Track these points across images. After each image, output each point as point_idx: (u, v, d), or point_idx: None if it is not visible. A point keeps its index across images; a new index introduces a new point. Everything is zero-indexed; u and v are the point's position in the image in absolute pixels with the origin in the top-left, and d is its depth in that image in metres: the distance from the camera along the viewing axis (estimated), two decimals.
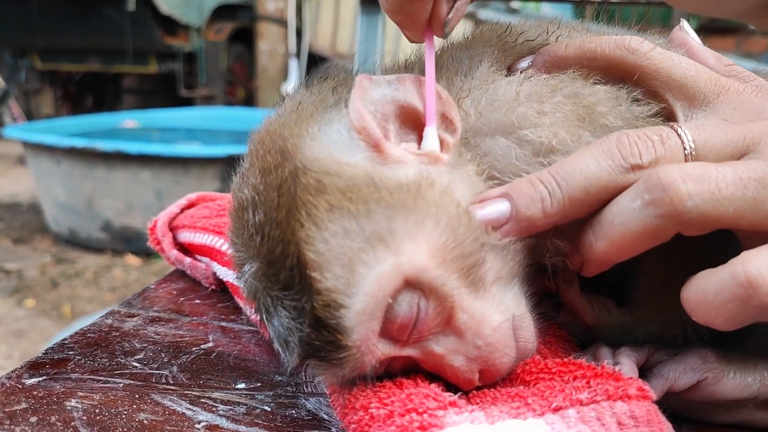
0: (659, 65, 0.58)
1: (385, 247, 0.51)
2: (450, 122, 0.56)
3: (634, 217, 0.49)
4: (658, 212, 0.48)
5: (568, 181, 0.51)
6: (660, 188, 0.47)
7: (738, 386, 0.57)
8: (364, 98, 0.55)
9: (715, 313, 0.45)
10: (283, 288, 0.52)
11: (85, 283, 4.17)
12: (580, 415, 0.49)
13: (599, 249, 0.52)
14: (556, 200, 0.52)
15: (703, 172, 0.47)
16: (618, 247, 0.51)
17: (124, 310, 0.81)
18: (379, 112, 0.55)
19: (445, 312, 0.53)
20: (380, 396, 0.53)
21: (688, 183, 0.47)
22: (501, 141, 0.58)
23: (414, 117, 0.57)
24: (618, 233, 0.50)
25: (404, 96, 0.56)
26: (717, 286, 0.45)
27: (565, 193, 0.52)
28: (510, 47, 0.65)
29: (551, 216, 0.52)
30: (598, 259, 0.52)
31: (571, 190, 0.51)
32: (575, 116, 0.57)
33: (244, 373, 0.67)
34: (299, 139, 0.55)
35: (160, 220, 0.96)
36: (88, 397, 0.60)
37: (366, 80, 0.55)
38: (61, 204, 4.71)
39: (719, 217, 0.47)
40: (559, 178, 0.52)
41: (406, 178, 0.53)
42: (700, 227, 0.48)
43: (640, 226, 0.49)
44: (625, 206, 0.50)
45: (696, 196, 0.47)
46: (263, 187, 0.55)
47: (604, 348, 0.60)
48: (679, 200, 0.47)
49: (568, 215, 0.52)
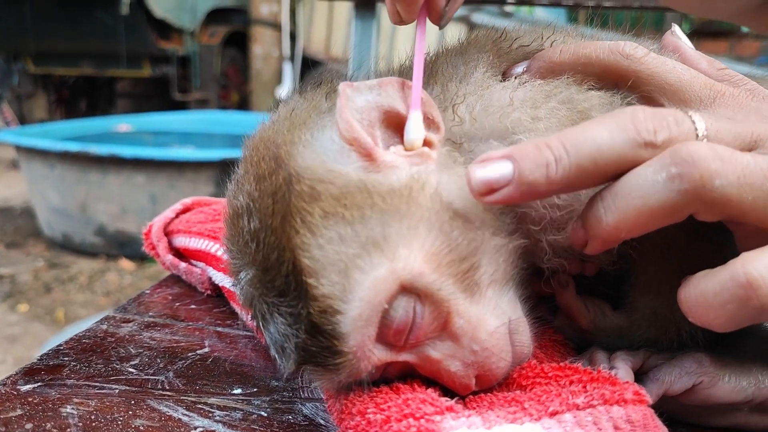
0: (654, 70, 0.58)
1: (380, 252, 0.51)
2: (432, 122, 0.56)
3: (656, 191, 0.46)
4: (683, 187, 0.45)
5: (577, 148, 0.48)
6: (690, 162, 0.45)
7: (733, 390, 0.57)
8: (351, 107, 0.55)
9: (714, 314, 0.45)
10: (279, 295, 0.52)
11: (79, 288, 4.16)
12: (577, 419, 0.49)
13: (609, 223, 0.48)
14: (562, 167, 0.48)
15: (730, 154, 0.46)
16: (631, 222, 0.48)
17: (119, 315, 0.81)
18: (365, 119, 0.55)
19: (441, 317, 0.53)
20: (377, 401, 0.53)
21: (717, 161, 0.45)
22: (494, 145, 0.57)
23: (397, 120, 0.57)
24: (633, 207, 0.47)
25: (387, 101, 0.56)
26: (716, 286, 0.44)
27: (573, 161, 0.48)
28: (505, 52, 0.65)
29: (554, 183, 0.49)
30: (606, 234, 0.49)
31: (580, 158, 0.48)
32: (570, 122, 0.57)
33: (241, 379, 0.66)
34: (292, 146, 0.55)
35: (155, 225, 0.96)
36: (84, 403, 0.60)
37: (348, 88, 0.55)
38: (55, 208, 4.70)
39: (738, 203, 0.46)
40: (568, 145, 0.49)
41: (398, 182, 0.53)
42: (718, 211, 0.46)
43: (660, 201, 0.46)
44: (647, 178, 0.47)
45: (723, 176, 0.45)
46: (258, 194, 0.55)
47: (599, 352, 0.60)
48: (708, 177, 0.45)
49: (571, 185, 0.49)
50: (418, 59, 0.56)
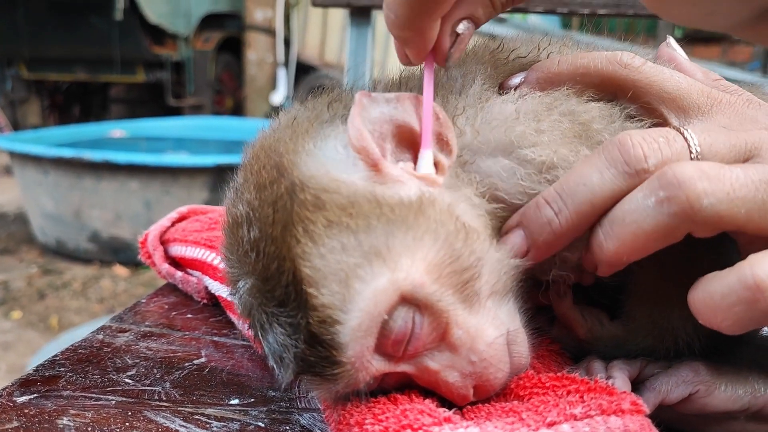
0: (652, 79, 0.58)
1: (382, 262, 0.51)
2: (446, 144, 0.56)
3: (647, 215, 0.48)
4: (672, 210, 0.47)
5: (572, 197, 0.51)
6: (675, 185, 0.46)
7: (729, 399, 0.57)
8: (364, 116, 0.55)
9: (722, 317, 0.45)
10: (279, 305, 0.52)
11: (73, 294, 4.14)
12: (575, 430, 0.49)
13: (610, 249, 0.50)
14: (563, 219, 0.52)
15: (717, 172, 0.47)
16: (629, 247, 0.49)
17: (115, 325, 0.81)
18: (377, 131, 0.55)
19: (440, 328, 0.53)
20: (375, 412, 0.53)
21: (704, 181, 0.46)
22: (503, 162, 0.57)
23: (410, 136, 0.57)
24: (629, 232, 0.49)
25: (402, 116, 0.56)
26: (724, 288, 0.45)
27: (571, 211, 0.52)
28: (502, 64, 0.65)
29: (563, 235, 0.53)
30: (609, 259, 0.51)
31: (577, 206, 0.51)
32: (572, 134, 0.58)
33: (238, 389, 0.66)
34: (295, 155, 0.55)
35: (150, 234, 0.95)
36: (81, 415, 0.60)
37: (365, 98, 0.55)
38: (49, 214, 4.68)
39: (731, 218, 0.46)
40: (564, 195, 0.52)
41: (408, 195, 0.53)
42: (711, 228, 0.47)
43: (652, 225, 0.48)
44: (638, 204, 0.49)
45: (711, 195, 0.46)
46: (258, 203, 0.54)
47: (596, 361, 0.60)
48: (695, 198, 0.46)
49: (580, 229, 0.52)
50: (427, 102, 0.56)
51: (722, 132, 0.52)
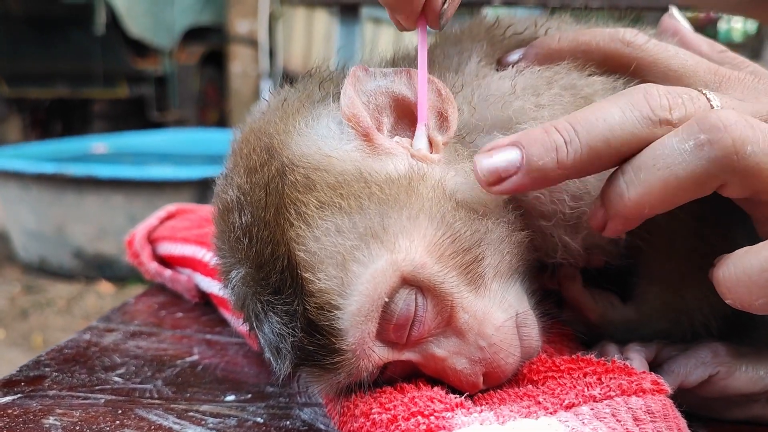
0: (656, 57, 0.56)
1: (380, 243, 0.48)
2: (445, 119, 0.54)
3: (683, 159, 0.43)
4: (714, 154, 0.43)
5: (588, 129, 0.46)
6: (720, 128, 0.43)
7: (750, 380, 0.55)
8: (358, 88, 0.53)
9: (758, 294, 0.42)
10: (274, 292, 0.50)
11: (57, 312, 4.07)
12: (595, 411, 0.46)
13: (632, 198, 0.45)
14: (573, 150, 0.46)
15: (758, 123, 0.44)
16: (656, 195, 0.45)
17: (102, 325, 0.77)
18: (372, 103, 0.53)
19: (446, 311, 0.51)
20: (381, 401, 0.50)
21: (748, 128, 0.43)
22: (498, 137, 0.55)
23: (410, 112, 0.54)
24: (659, 178, 0.44)
25: (399, 88, 0.54)
26: (763, 263, 0.42)
27: (584, 143, 0.46)
28: (498, 41, 0.63)
29: (566, 168, 0.46)
30: (629, 211, 0.46)
31: (592, 139, 0.46)
32: (574, 108, 0.55)
33: (233, 385, 0.63)
34: (286, 135, 0.53)
35: (138, 233, 0.92)
36: (68, 414, 0.57)
37: (361, 71, 0.53)
38: (31, 231, 4.61)
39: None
40: (578, 127, 0.46)
41: (396, 171, 0.51)
42: (748, 182, 0.44)
43: (688, 170, 0.43)
44: (673, 147, 0.44)
45: (755, 143, 0.43)
46: (249, 186, 0.52)
47: (611, 345, 0.58)
48: (741, 142, 0.42)
49: (584, 168, 0.47)
50: (422, 70, 0.54)
51: (740, 101, 0.50)
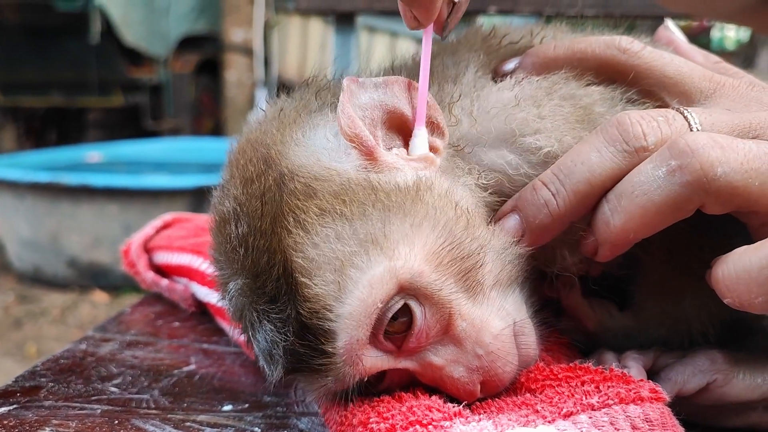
0: (652, 64, 0.57)
1: (379, 250, 0.48)
2: (437, 126, 0.54)
3: (658, 186, 0.46)
4: (685, 179, 0.45)
5: (570, 176, 0.49)
6: (688, 153, 0.45)
7: (748, 387, 0.55)
8: (354, 103, 0.52)
9: (757, 292, 0.43)
10: (270, 301, 0.50)
11: (51, 322, 4.05)
12: (593, 420, 0.46)
13: (617, 225, 0.48)
14: (561, 199, 0.50)
15: (730, 142, 0.45)
16: (638, 222, 0.47)
17: (98, 334, 0.77)
18: (367, 118, 0.53)
19: (443, 319, 0.51)
20: (379, 410, 0.50)
21: (716, 149, 0.44)
22: (509, 157, 0.55)
23: (400, 122, 0.55)
24: (638, 205, 0.47)
25: (392, 101, 0.54)
26: (762, 260, 0.42)
27: (569, 191, 0.50)
28: (495, 50, 0.63)
29: (561, 216, 0.50)
30: (615, 237, 0.49)
31: (575, 185, 0.49)
32: (575, 119, 0.56)
33: (231, 395, 0.63)
34: (283, 145, 0.53)
35: (134, 243, 0.92)
36: (64, 424, 0.56)
37: (353, 84, 0.53)
38: (25, 240, 4.59)
39: (745, 190, 0.45)
40: (561, 176, 0.50)
41: (405, 181, 0.51)
42: (724, 201, 0.45)
43: (663, 196, 0.46)
44: (648, 175, 0.46)
45: (725, 163, 0.44)
46: (245, 197, 0.52)
47: (608, 353, 0.58)
48: (709, 165, 0.44)
49: (578, 211, 0.50)
50: (424, 76, 0.54)
51: (725, 113, 0.51)
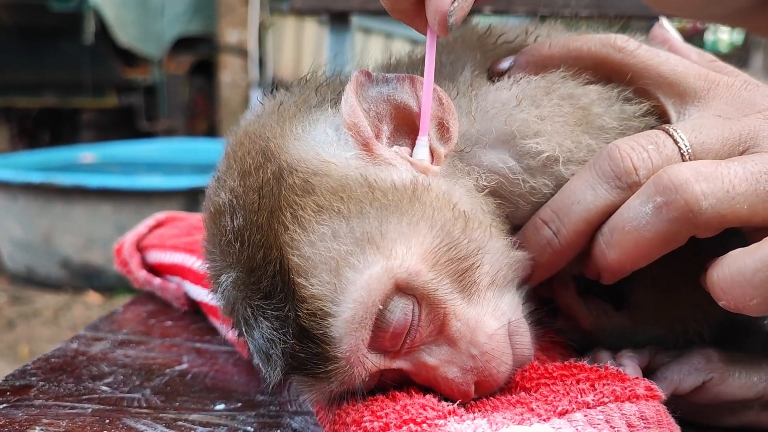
0: (647, 63, 0.57)
1: (376, 249, 0.48)
2: (446, 130, 0.54)
3: (647, 222, 0.47)
4: (671, 216, 0.46)
5: (568, 216, 0.52)
6: (672, 189, 0.45)
7: (744, 386, 0.54)
8: (360, 94, 0.52)
9: (752, 294, 0.43)
10: (265, 297, 0.49)
11: (44, 323, 4.03)
12: (588, 418, 0.46)
13: (612, 258, 0.50)
14: (562, 238, 0.52)
15: (714, 170, 0.46)
16: (631, 255, 0.49)
17: (90, 333, 0.76)
18: (373, 111, 0.53)
19: (438, 319, 0.50)
20: (373, 409, 0.49)
21: (701, 182, 0.45)
22: (508, 159, 0.55)
23: (410, 120, 0.54)
24: (630, 240, 0.48)
25: (401, 96, 0.53)
26: (757, 262, 0.43)
27: (569, 230, 0.52)
28: (490, 49, 0.63)
29: (564, 253, 0.53)
30: (613, 268, 0.51)
31: (574, 224, 0.51)
32: (574, 119, 0.56)
33: (223, 394, 0.62)
34: (282, 139, 0.52)
35: (126, 242, 0.91)
36: (54, 424, 0.56)
37: (363, 76, 0.53)
38: (18, 241, 4.57)
39: (734, 215, 0.45)
40: (560, 214, 0.52)
41: (401, 180, 0.50)
42: (715, 228, 0.46)
43: (653, 232, 0.47)
44: (636, 211, 0.48)
45: (710, 195, 0.45)
46: (242, 189, 0.51)
47: (603, 352, 0.57)
48: (694, 201, 0.45)
49: (579, 245, 0.53)
50: (428, 80, 0.53)
51: (715, 126, 0.51)
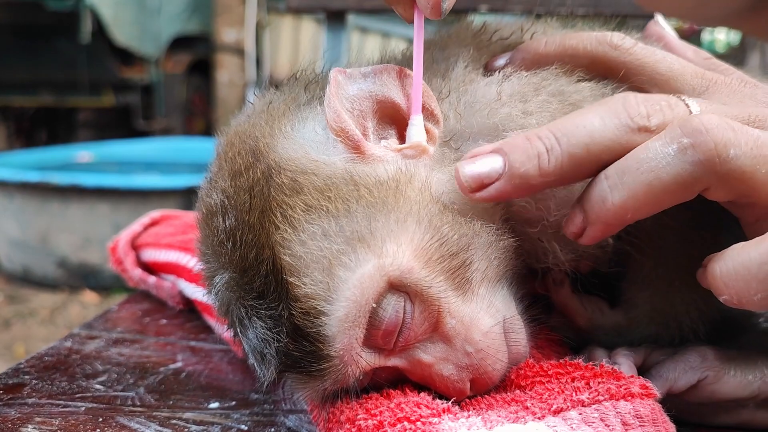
0: (643, 61, 0.56)
1: (367, 247, 0.48)
2: (431, 113, 0.53)
3: (668, 163, 0.44)
4: (696, 158, 0.43)
5: (569, 137, 0.47)
6: (703, 131, 0.43)
7: (739, 384, 0.54)
8: (341, 95, 0.52)
9: (756, 288, 0.42)
10: (258, 296, 0.49)
11: (41, 322, 4.02)
12: (583, 416, 0.46)
13: (615, 203, 0.45)
14: (554, 157, 0.47)
15: (741, 126, 0.44)
16: (640, 199, 0.45)
17: (84, 332, 0.76)
18: (356, 110, 0.52)
19: (432, 317, 0.50)
20: (367, 407, 0.49)
21: (729, 131, 0.43)
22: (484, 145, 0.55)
23: (392, 111, 0.54)
24: (644, 183, 0.44)
25: (382, 90, 0.53)
26: (764, 255, 0.42)
27: (564, 150, 0.47)
28: (485, 45, 0.63)
29: (547, 174, 0.47)
30: (611, 216, 0.46)
31: (572, 147, 0.46)
32: (562, 115, 0.55)
33: (217, 393, 0.62)
34: (272, 138, 0.52)
35: (121, 240, 0.91)
36: (47, 422, 0.55)
37: (340, 75, 0.52)
38: (15, 241, 4.56)
39: (752, 175, 0.44)
40: (559, 134, 0.47)
41: (386, 174, 0.50)
42: (731, 185, 0.44)
43: (672, 174, 0.44)
44: (657, 151, 0.44)
45: (737, 146, 0.43)
46: (233, 190, 0.51)
47: (598, 350, 0.57)
48: (723, 145, 0.43)
49: (565, 176, 0.47)
50: (417, 63, 0.53)
51: (722, 105, 0.50)
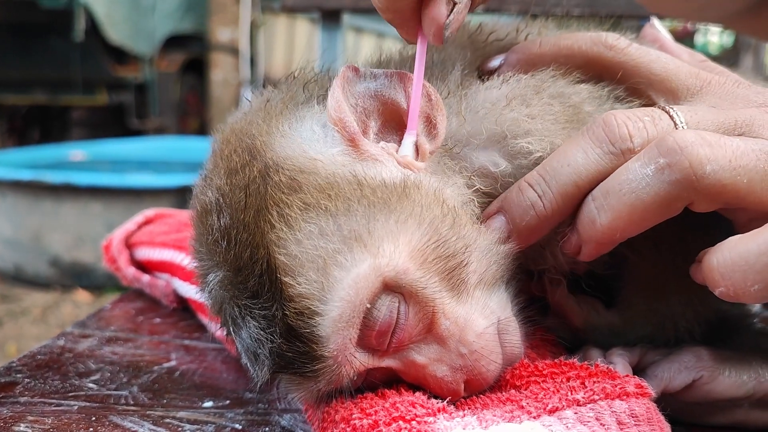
0: (638, 61, 0.56)
1: (363, 247, 0.47)
2: (434, 126, 0.53)
3: (647, 184, 0.46)
4: (674, 177, 0.45)
5: (557, 178, 0.49)
6: (677, 151, 0.45)
7: (734, 384, 0.54)
8: (346, 89, 0.52)
9: (753, 279, 0.42)
10: (252, 296, 0.49)
11: (33, 321, 4.00)
12: (578, 415, 0.46)
13: (603, 224, 0.48)
14: (547, 201, 0.50)
15: (718, 139, 0.45)
16: (626, 220, 0.47)
17: (77, 330, 0.76)
18: (360, 106, 0.52)
19: (427, 318, 0.50)
20: (362, 407, 0.49)
21: (705, 147, 0.44)
22: (499, 159, 0.55)
23: (398, 116, 0.54)
24: (626, 204, 0.46)
25: (389, 92, 0.53)
26: (762, 246, 0.42)
27: (555, 192, 0.49)
28: (480, 47, 0.63)
29: (548, 218, 0.50)
30: (601, 236, 0.48)
31: (561, 187, 0.49)
32: (564, 118, 0.55)
33: (211, 391, 0.62)
34: (269, 136, 0.52)
35: (115, 238, 0.91)
36: (39, 421, 0.55)
37: (351, 71, 0.52)
38: (7, 239, 4.54)
39: (733, 186, 0.45)
40: (548, 177, 0.50)
41: (391, 177, 0.50)
42: (713, 198, 0.46)
43: (652, 194, 0.46)
44: (636, 172, 0.46)
45: (713, 161, 0.44)
46: (229, 188, 0.51)
47: (594, 349, 0.57)
48: (698, 163, 0.44)
49: (565, 212, 0.50)
50: (417, 82, 0.53)
51: (710, 110, 0.51)
